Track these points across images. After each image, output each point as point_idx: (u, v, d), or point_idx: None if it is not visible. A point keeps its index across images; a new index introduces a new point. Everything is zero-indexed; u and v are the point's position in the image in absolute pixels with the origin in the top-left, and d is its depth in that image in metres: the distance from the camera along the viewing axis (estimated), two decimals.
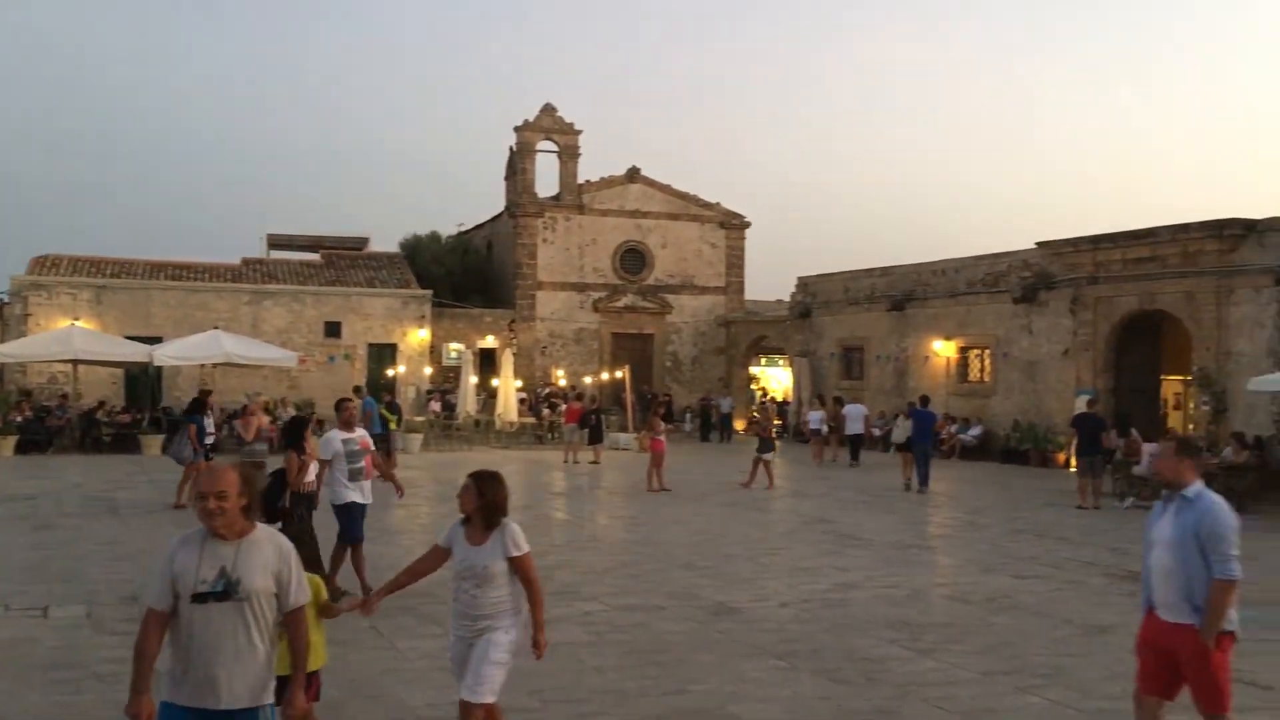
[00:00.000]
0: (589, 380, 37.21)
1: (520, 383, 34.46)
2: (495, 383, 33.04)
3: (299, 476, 9.57)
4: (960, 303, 29.77)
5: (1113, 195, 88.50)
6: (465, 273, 42.47)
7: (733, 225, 41.92)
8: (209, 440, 17.40)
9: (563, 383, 37.33)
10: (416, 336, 36.24)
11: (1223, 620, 5.24)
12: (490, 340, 37.78)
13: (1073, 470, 20.99)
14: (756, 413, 34.47)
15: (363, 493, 10.15)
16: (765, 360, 45.25)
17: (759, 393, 43.15)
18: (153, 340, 29.53)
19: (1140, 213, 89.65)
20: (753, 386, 43.59)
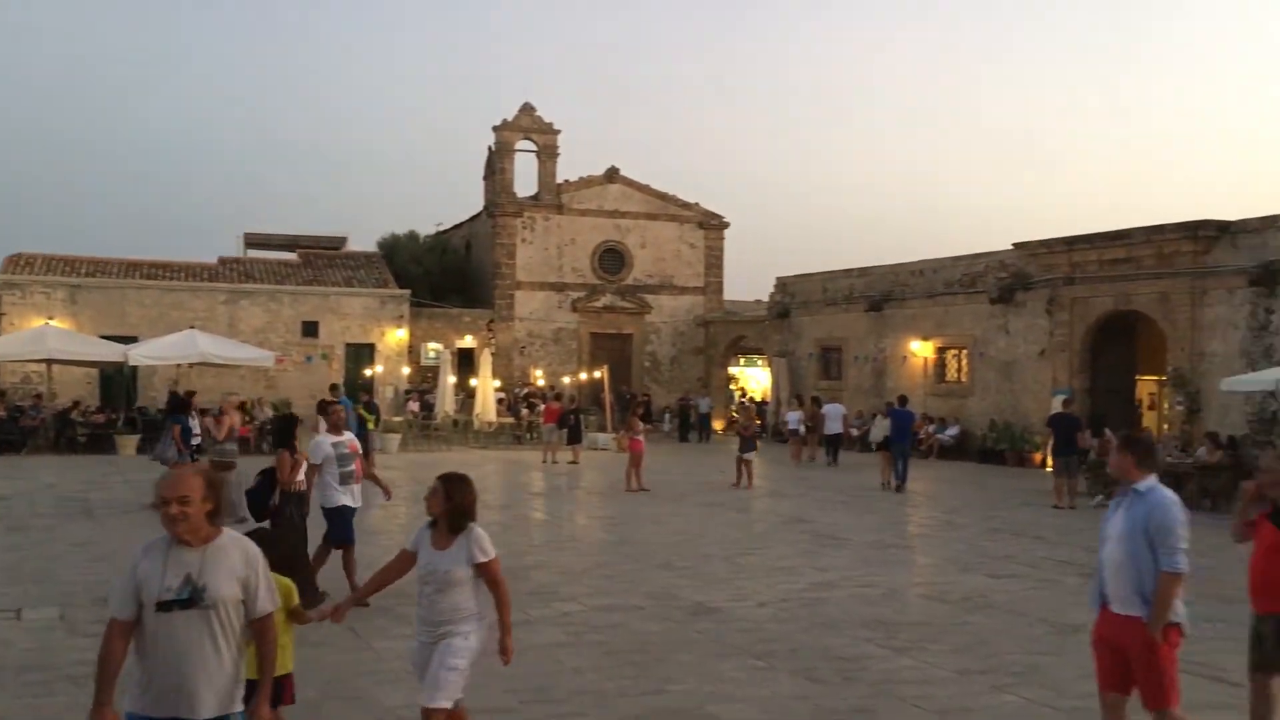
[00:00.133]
0: (568, 380, 37.17)
1: (499, 383, 34.42)
2: (474, 383, 32.97)
3: (291, 476, 9.55)
4: (938, 303, 29.90)
5: (1090, 196, 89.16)
6: (444, 272, 42.35)
7: (711, 225, 41.97)
8: (195, 441, 17.30)
9: (541, 383, 37.26)
10: (394, 336, 36.12)
11: (1169, 612, 5.32)
12: (469, 340, 37.70)
13: (1049, 470, 21.15)
14: (736, 413, 34.56)
15: (353, 496, 10.12)
16: (744, 360, 45.32)
17: (738, 393, 43.21)
18: (128, 340, 29.33)
19: (1116, 214, 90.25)
20: (731, 387, 43.64)
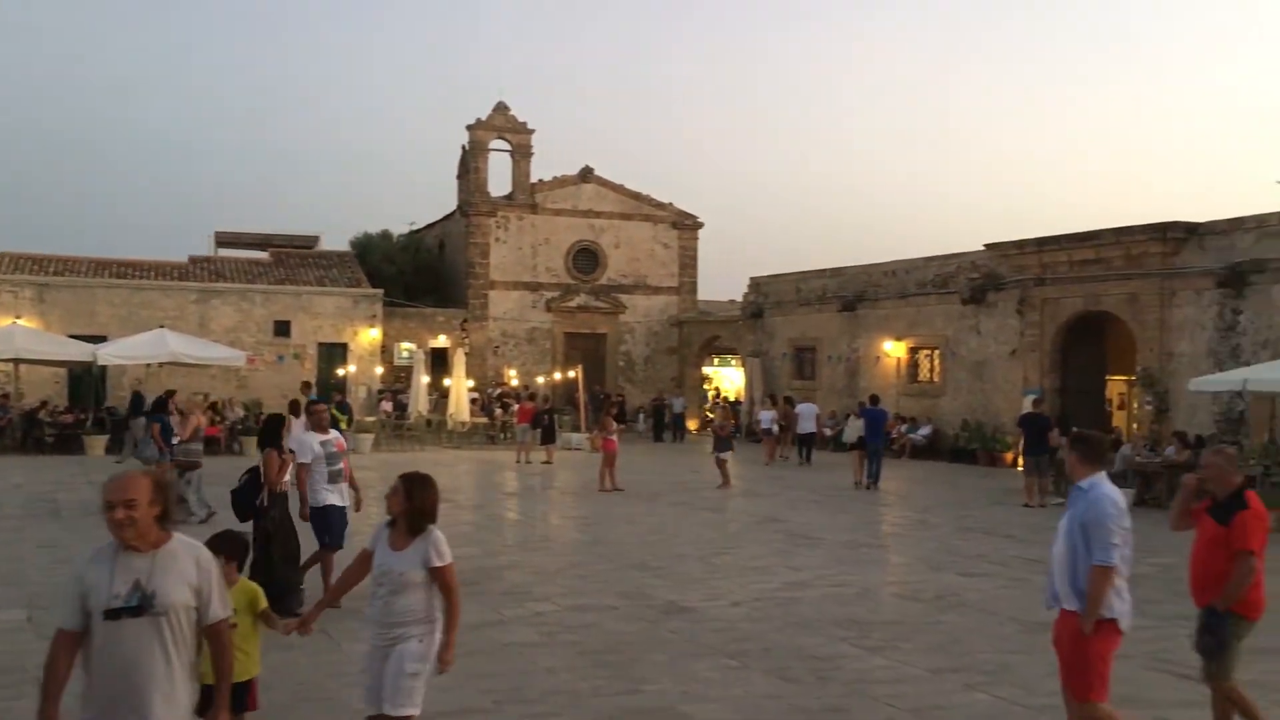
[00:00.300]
0: (541, 380, 37.14)
1: (472, 382, 34.29)
2: (447, 382, 32.85)
3: (279, 475, 9.46)
4: (910, 303, 30.05)
5: (1062, 197, 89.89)
6: (417, 272, 42.19)
7: (685, 225, 42.01)
8: (176, 440, 17.11)
9: (515, 382, 37.20)
10: (367, 336, 35.93)
11: (1100, 606, 5.39)
12: (442, 340, 37.56)
13: (1020, 469, 21.29)
14: (710, 412, 34.62)
15: (341, 495, 10.00)
16: (718, 360, 45.41)
17: (712, 393, 43.28)
18: (97, 339, 29.04)
19: (1086, 215, 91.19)
20: (705, 387, 43.72)
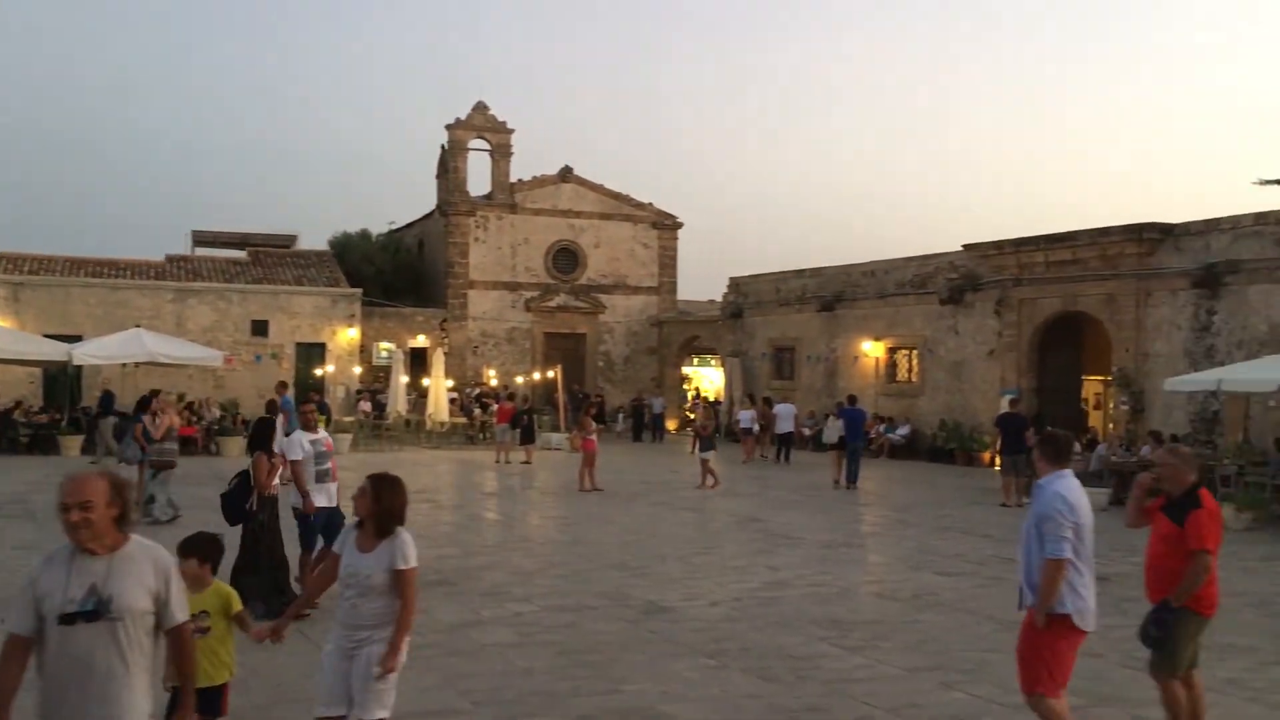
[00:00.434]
0: (521, 380, 37.07)
1: (452, 382, 34.23)
2: (426, 382, 32.77)
3: (269, 478, 9.42)
4: (889, 304, 30.17)
5: (1041, 198, 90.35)
6: (396, 271, 42.03)
7: (665, 226, 42.03)
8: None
9: (494, 382, 37.12)
10: (346, 335, 35.78)
11: (1052, 599, 5.45)
12: (421, 340, 37.43)
13: (997, 469, 21.41)
14: (690, 412, 34.60)
15: (329, 496, 9.95)
16: (697, 360, 45.44)
17: (691, 393, 43.31)
18: (72, 339, 28.78)
19: (1063, 216, 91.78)
20: (685, 387, 43.74)
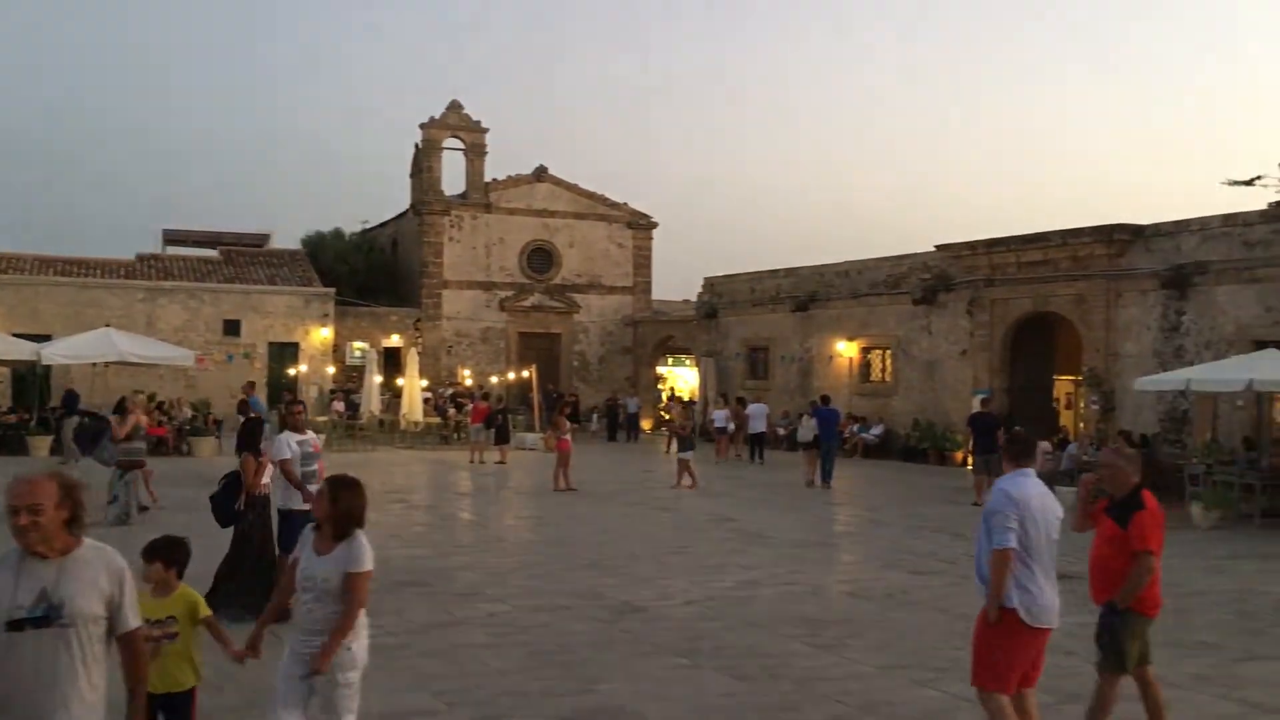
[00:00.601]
0: (495, 380, 37.00)
1: (426, 382, 34.09)
2: (400, 382, 32.64)
3: (257, 479, 9.38)
4: (862, 304, 30.28)
5: (1014, 198, 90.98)
6: (370, 271, 41.88)
7: (640, 225, 42.06)
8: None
9: (469, 382, 37.02)
10: (319, 335, 35.61)
11: (1000, 592, 5.52)
12: (395, 339, 37.32)
13: (969, 468, 21.54)
14: (665, 412, 34.59)
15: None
16: (672, 360, 45.47)
17: (666, 392, 43.33)
18: (41, 338, 28.49)
19: (1038, 216, 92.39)
20: (660, 386, 43.77)
